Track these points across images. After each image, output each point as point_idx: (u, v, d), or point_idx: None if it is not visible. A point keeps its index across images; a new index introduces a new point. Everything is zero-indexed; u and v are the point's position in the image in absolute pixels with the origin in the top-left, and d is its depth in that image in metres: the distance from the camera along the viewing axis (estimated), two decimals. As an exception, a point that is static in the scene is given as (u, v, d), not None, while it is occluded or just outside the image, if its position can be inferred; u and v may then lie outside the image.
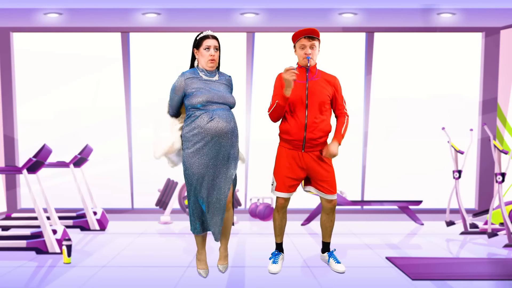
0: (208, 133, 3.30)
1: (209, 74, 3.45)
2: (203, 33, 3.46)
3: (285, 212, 3.75)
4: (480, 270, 3.69)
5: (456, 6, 5.54)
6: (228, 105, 3.42)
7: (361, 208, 6.55)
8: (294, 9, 5.65)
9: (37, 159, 4.24)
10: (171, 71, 6.53)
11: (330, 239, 3.83)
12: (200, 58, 3.44)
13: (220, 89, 3.42)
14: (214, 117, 3.31)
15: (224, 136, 3.33)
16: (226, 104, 3.40)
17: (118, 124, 6.55)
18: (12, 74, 6.49)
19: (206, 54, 3.39)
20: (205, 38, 3.42)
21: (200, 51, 3.42)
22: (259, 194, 6.24)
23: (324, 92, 3.58)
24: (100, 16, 5.88)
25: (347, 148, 6.45)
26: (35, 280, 3.43)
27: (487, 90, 6.48)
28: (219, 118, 3.31)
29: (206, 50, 3.40)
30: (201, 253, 3.63)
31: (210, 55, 3.40)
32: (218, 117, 3.31)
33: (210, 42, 3.41)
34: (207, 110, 3.32)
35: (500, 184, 4.64)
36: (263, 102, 6.51)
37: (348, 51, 6.53)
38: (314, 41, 3.58)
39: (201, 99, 3.32)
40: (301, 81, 3.59)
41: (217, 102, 3.35)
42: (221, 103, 3.37)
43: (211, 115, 3.31)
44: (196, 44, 3.46)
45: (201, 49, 3.41)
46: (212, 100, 3.33)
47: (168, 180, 6.06)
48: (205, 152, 3.32)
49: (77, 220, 5.31)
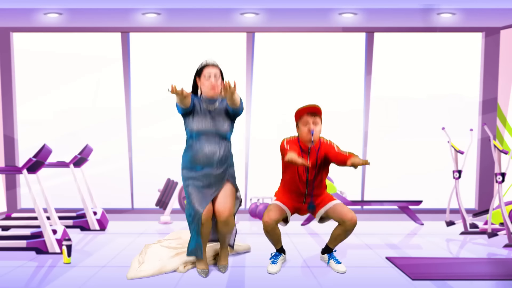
0: (198, 162, 3.47)
1: (209, 102, 3.51)
2: (204, 62, 3.51)
3: (274, 228, 3.66)
4: (480, 270, 3.69)
5: (456, 6, 5.54)
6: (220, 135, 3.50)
7: (361, 208, 6.55)
8: (294, 9, 5.65)
9: (37, 159, 4.24)
10: (171, 71, 6.54)
11: (334, 247, 3.82)
12: (202, 86, 3.50)
13: (218, 118, 3.49)
14: (203, 149, 3.46)
15: (212, 165, 3.47)
16: (219, 134, 3.49)
17: (118, 124, 6.55)
18: (12, 74, 6.49)
19: (207, 83, 3.46)
20: (206, 66, 3.48)
21: (201, 79, 3.49)
22: (259, 194, 6.24)
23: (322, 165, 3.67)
24: (100, 16, 5.88)
25: (347, 148, 6.47)
26: (35, 280, 3.43)
27: (487, 90, 6.48)
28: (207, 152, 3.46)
29: (206, 78, 3.46)
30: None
31: (211, 83, 3.45)
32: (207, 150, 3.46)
33: (210, 70, 3.46)
34: (199, 140, 3.48)
35: (500, 184, 4.64)
36: (263, 102, 6.56)
37: (348, 51, 6.53)
38: (316, 118, 3.59)
39: (196, 128, 3.47)
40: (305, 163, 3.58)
41: (210, 133, 3.47)
42: (213, 133, 3.48)
43: (201, 145, 3.47)
44: (197, 73, 3.52)
45: (202, 78, 3.48)
46: (204, 130, 3.47)
47: (168, 180, 6.06)
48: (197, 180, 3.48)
49: (77, 220, 5.32)
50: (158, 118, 6.54)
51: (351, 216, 3.58)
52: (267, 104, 6.47)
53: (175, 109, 3.57)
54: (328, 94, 6.50)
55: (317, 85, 6.51)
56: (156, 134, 6.55)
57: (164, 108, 6.48)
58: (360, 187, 6.61)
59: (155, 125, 6.57)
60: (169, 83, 3.66)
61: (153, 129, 6.57)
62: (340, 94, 6.53)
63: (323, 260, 3.89)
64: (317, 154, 3.63)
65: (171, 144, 6.34)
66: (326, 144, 3.67)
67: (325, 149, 3.65)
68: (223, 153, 3.51)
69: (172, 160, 5.23)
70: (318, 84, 6.51)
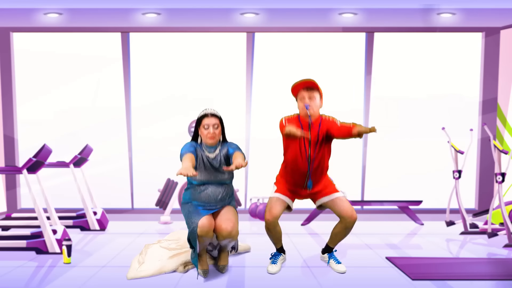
0: (199, 201, 3.57)
1: (209, 150, 3.59)
2: (203, 111, 3.59)
3: (276, 225, 3.64)
4: (480, 270, 3.69)
5: (456, 6, 5.54)
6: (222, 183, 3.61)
7: (361, 208, 6.55)
8: (294, 9, 5.65)
9: (37, 159, 4.24)
10: (171, 71, 6.54)
11: (335, 246, 3.82)
12: (202, 135, 3.59)
13: (219, 168, 3.58)
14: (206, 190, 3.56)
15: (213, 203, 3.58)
16: (220, 182, 3.60)
17: (118, 124, 6.55)
18: (12, 74, 6.49)
19: (205, 132, 3.56)
20: (204, 117, 3.57)
21: (201, 129, 3.58)
22: (259, 194, 6.24)
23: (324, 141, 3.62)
24: (100, 16, 5.88)
25: (347, 148, 6.48)
26: (35, 280, 3.43)
27: (487, 90, 6.48)
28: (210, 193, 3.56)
29: (205, 128, 3.55)
30: (200, 254, 3.63)
31: (208, 133, 3.54)
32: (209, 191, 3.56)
33: (208, 121, 3.55)
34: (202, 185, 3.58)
35: (500, 184, 4.64)
36: (263, 102, 6.56)
37: (348, 51, 6.53)
38: (312, 92, 3.56)
39: (198, 178, 3.56)
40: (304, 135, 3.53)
41: (211, 181, 3.57)
42: (215, 182, 3.57)
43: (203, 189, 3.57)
44: (197, 123, 3.61)
45: (201, 128, 3.57)
46: (206, 180, 3.56)
47: (168, 180, 6.06)
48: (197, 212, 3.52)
49: (77, 220, 5.32)
50: (158, 118, 6.54)
51: (350, 213, 3.56)
52: (267, 104, 6.47)
53: (175, 109, 3.60)
54: (328, 94, 6.47)
55: (317, 85, 6.51)
56: (156, 134, 6.55)
57: (164, 108, 6.49)
58: (360, 187, 6.61)
59: (155, 125, 6.57)
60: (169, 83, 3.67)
61: (153, 129, 6.57)
62: (340, 94, 6.53)
63: (323, 260, 3.89)
64: (318, 130, 3.57)
65: (171, 144, 6.34)
66: (327, 120, 3.60)
67: (326, 125, 3.58)
68: (225, 193, 3.62)
69: (172, 160, 5.23)
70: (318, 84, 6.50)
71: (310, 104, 3.53)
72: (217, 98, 6.45)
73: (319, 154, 3.60)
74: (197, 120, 3.61)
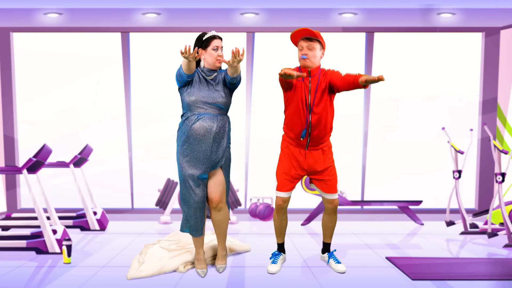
0: (194, 135, 3.44)
1: (208, 74, 3.52)
2: (210, 34, 3.49)
3: (284, 213, 3.72)
4: (480, 270, 3.69)
5: (456, 6, 5.54)
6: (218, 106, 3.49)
7: (361, 208, 6.55)
8: (294, 9, 5.65)
9: (37, 159, 4.24)
10: (171, 71, 6.54)
11: (330, 240, 3.83)
12: (208, 57, 3.49)
13: (216, 88, 3.49)
14: (200, 118, 3.44)
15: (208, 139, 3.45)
16: (216, 105, 3.48)
17: (118, 124, 6.55)
18: (12, 74, 6.49)
19: (215, 54, 3.46)
20: (213, 38, 3.47)
21: (208, 51, 3.47)
22: (259, 194, 6.24)
23: (326, 92, 3.52)
24: (100, 16, 5.88)
25: (347, 148, 6.48)
26: (35, 280, 3.43)
27: (487, 90, 6.48)
28: (204, 123, 3.44)
29: (214, 50, 3.47)
30: (199, 253, 3.64)
31: (219, 55, 3.47)
32: (203, 121, 3.44)
33: (218, 43, 3.48)
34: (196, 111, 3.46)
35: (500, 184, 4.64)
36: (263, 102, 6.55)
37: (348, 51, 6.53)
38: (312, 42, 3.47)
39: (194, 97, 3.44)
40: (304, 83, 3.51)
41: (208, 103, 3.46)
42: (211, 104, 3.46)
43: (196, 117, 3.45)
44: (202, 45, 3.49)
45: (209, 49, 3.47)
46: (202, 100, 3.45)
47: (168, 180, 6.06)
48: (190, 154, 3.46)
49: (77, 220, 5.31)
50: (158, 118, 6.54)
51: (331, 199, 3.61)
52: (267, 104, 6.47)
53: (175, 109, 3.57)
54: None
55: (317, 85, 6.51)
56: (156, 134, 6.55)
57: (164, 108, 6.49)
58: (360, 187, 6.61)
59: (155, 125, 6.57)
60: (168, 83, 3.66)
61: (153, 129, 6.57)
62: (340, 94, 6.51)
63: (323, 260, 3.89)
64: (318, 80, 3.47)
65: (171, 144, 6.30)
66: (330, 71, 3.51)
67: (329, 76, 3.47)
68: (221, 125, 3.50)
69: (172, 160, 5.23)
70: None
71: (308, 54, 3.45)
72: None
73: (320, 105, 3.48)
74: (202, 42, 3.49)
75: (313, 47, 3.47)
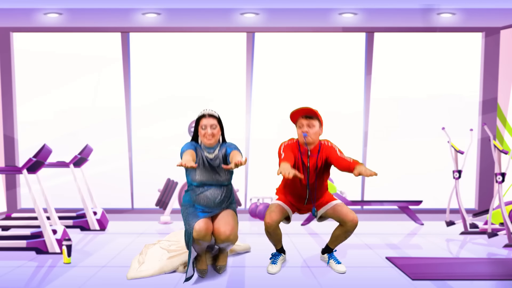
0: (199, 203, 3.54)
1: (208, 150, 3.59)
2: (201, 112, 3.59)
3: (276, 228, 3.62)
4: (480, 270, 3.69)
5: (456, 6, 5.54)
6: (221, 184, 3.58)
7: (361, 208, 6.55)
8: (294, 9, 5.65)
9: (37, 159, 4.24)
10: (171, 71, 6.54)
11: (335, 247, 3.82)
12: (200, 136, 3.59)
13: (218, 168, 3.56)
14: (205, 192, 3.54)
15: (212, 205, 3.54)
16: (219, 183, 3.57)
17: (118, 124, 6.56)
18: (12, 74, 6.49)
19: (203, 133, 3.55)
20: (202, 117, 3.57)
21: (199, 129, 3.58)
22: (259, 194, 6.24)
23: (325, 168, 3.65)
24: (100, 16, 5.88)
25: (347, 148, 6.48)
26: (35, 280, 3.43)
27: (487, 90, 6.48)
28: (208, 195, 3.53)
29: (202, 129, 3.55)
30: (199, 254, 3.63)
31: (206, 134, 3.54)
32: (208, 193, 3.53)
33: (206, 122, 3.54)
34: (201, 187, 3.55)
35: (500, 184, 4.64)
36: (263, 102, 6.56)
37: (348, 51, 6.53)
38: (312, 120, 3.54)
39: (197, 179, 3.53)
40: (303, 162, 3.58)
41: (211, 183, 3.55)
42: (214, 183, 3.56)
43: (202, 190, 3.54)
44: (196, 123, 3.61)
45: (200, 128, 3.57)
46: (206, 181, 3.54)
47: (168, 180, 6.06)
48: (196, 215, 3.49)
49: (77, 220, 5.32)
50: (158, 118, 6.55)
51: (352, 217, 3.56)
52: (267, 104, 6.47)
53: (175, 109, 3.59)
54: (328, 94, 6.50)
55: (317, 85, 6.52)
56: (156, 134, 6.55)
57: (164, 108, 6.49)
58: (360, 187, 6.61)
59: (155, 125, 6.57)
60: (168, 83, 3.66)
61: (153, 129, 6.57)
62: (340, 94, 6.53)
63: (323, 260, 3.89)
64: (317, 157, 3.60)
65: (171, 144, 6.35)
66: (327, 146, 3.62)
67: (326, 152, 3.60)
68: (224, 195, 3.59)
69: (172, 160, 5.23)
70: (318, 84, 6.51)
71: (308, 132, 3.53)
72: (217, 98, 6.45)
73: (318, 181, 3.63)
74: (196, 120, 3.61)
75: (313, 125, 3.56)
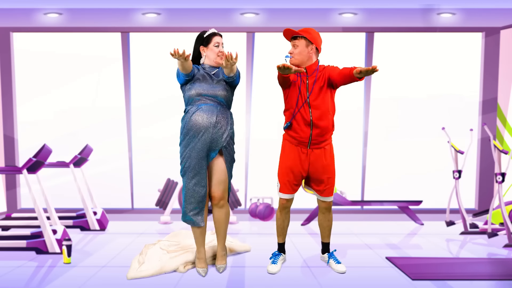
0: (195, 126, 3.47)
1: (210, 70, 3.57)
2: (211, 31, 3.59)
3: (287, 212, 3.74)
4: (480, 270, 3.69)
5: (456, 6, 5.54)
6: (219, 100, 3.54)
7: (361, 208, 6.55)
8: (294, 9, 5.65)
9: (37, 159, 4.24)
10: (171, 71, 6.53)
11: (329, 239, 3.83)
12: (210, 54, 3.57)
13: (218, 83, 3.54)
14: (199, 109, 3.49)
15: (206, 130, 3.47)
16: (218, 99, 3.53)
17: (118, 124, 6.56)
18: (12, 74, 6.49)
19: (216, 50, 3.55)
20: (214, 35, 3.57)
21: (210, 47, 3.56)
22: (259, 194, 6.24)
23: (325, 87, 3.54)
24: (100, 16, 5.88)
25: (347, 148, 6.48)
26: (35, 280, 3.43)
27: (487, 90, 6.48)
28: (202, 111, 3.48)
29: (216, 46, 3.55)
30: (200, 251, 3.64)
31: (220, 51, 3.56)
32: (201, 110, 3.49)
33: (219, 39, 3.58)
34: (197, 104, 3.52)
35: (500, 184, 4.64)
36: (263, 102, 6.55)
37: (348, 51, 6.53)
38: (295, 41, 3.58)
39: (195, 92, 3.51)
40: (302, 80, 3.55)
41: (209, 96, 3.51)
42: (212, 98, 3.51)
43: (196, 108, 3.50)
44: (204, 42, 3.58)
45: (211, 46, 3.56)
46: (204, 94, 3.51)
47: (168, 180, 6.06)
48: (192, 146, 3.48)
49: (77, 220, 5.31)
50: (158, 118, 6.55)
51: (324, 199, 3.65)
52: (267, 104, 6.47)
53: (175, 109, 3.58)
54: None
55: (317, 85, 6.51)
56: (156, 134, 6.55)
57: (164, 108, 6.49)
58: (360, 187, 6.61)
59: (155, 125, 6.57)
60: (168, 83, 3.67)
61: (153, 129, 6.57)
62: (340, 94, 6.50)
63: (323, 260, 3.89)
64: (316, 76, 3.52)
65: (171, 144, 6.33)
66: (328, 67, 3.57)
67: (327, 71, 3.53)
68: (221, 117, 3.53)
69: (172, 160, 5.23)
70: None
71: (293, 53, 3.54)
72: (217, 98, 6.44)
73: (319, 100, 3.51)
74: (203, 40, 3.57)
75: (296, 45, 3.58)
